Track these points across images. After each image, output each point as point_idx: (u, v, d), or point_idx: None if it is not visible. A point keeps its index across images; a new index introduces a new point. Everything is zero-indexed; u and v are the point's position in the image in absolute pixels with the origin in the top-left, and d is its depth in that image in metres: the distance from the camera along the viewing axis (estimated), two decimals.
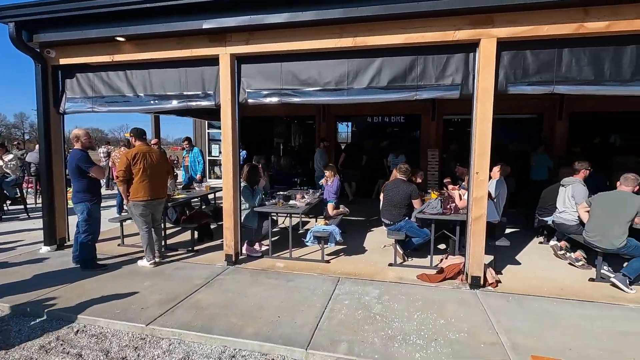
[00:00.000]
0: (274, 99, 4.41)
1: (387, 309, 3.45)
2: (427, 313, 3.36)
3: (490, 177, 4.42)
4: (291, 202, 5.14)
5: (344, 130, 11.38)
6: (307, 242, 4.74)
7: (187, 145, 7.94)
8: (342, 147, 10.64)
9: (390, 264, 4.64)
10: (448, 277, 4.11)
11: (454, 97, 3.92)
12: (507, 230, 6.38)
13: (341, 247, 5.23)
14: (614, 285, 3.93)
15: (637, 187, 4.07)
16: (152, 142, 7.46)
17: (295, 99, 4.35)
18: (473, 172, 3.85)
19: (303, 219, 6.51)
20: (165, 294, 3.75)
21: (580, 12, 3.41)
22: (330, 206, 5.50)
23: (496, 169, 4.74)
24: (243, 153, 9.73)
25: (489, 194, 4.58)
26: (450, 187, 5.22)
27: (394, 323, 3.18)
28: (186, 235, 5.71)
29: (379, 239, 5.70)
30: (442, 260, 4.48)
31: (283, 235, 5.81)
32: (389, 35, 3.86)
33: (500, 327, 3.12)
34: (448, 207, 4.45)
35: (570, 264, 4.69)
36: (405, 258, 4.76)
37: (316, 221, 5.82)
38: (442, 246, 5.41)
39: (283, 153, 11.61)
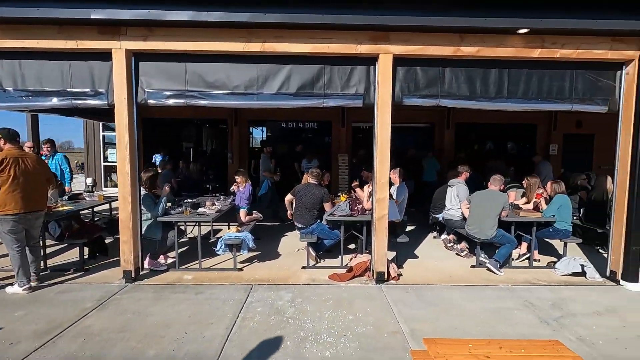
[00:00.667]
0: (179, 101, 4.15)
1: (299, 311, 3.51)
2: (338, 311, 3.51)
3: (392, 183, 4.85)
4: (200, 209, 4.87)
5: (259, 135, 11.29)
6: (218, 251, 4.55)
7: (49, 149, 6.53)
8: (257, 151, 10.52)
9: (303, 267, 4.73)
10: (357, 275, 4.36)
11: (357, 105, 4.21)
12: (408, 228, 7.07)
13: (255, 253, 5.15)
14: (488, 269, 4.64)
15: (503, 186, 4.90)
16: (27, 145, 6.32)
17: (203, 102, 4.16)
18: (376, 176, 4.18)
19: (215, 227, 6.23)
20: (44, 323, 3.20)
21: (457, 38, 3.98)
22: (242, 212, 5.38)
23: (393, 175, 5.20)
24: (157, 157, 8.91)
25: (391, 196, 5.02)
26: (357, 190, 5.56)
27: (306, 324, 3.25)
28: (75, 253, 4.97)
29: (292, 243, 5.76)
30: (351, 259, 4.73)
31: (192, 245, 5.47)
32: (297, 43, 3.96)
33: (401, 317, 3.42)
34: (355, 208, 4.74)
35: (457, 254, 5.40)
36: (318, 260, 4.91)
37: (228, 228, 5.63)
38: (352, 246, 5.72)
39: (193, 158, 10.97)
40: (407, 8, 3.70)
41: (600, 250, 5.47)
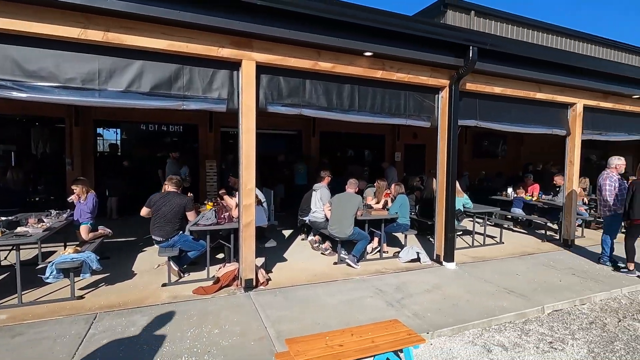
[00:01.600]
0: None
1: (157, 334, 3.15)
2: (202, 327, 3.30)
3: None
4: (20, 229, 3.89)
5: (112, 137, 9.80)
6: (48, 278, 3.70)
7: None
8: (107, 156, 9.08)
9: (164, 284, 4.29)
10: (224, 285, 4.20)
11: (221, 110, 4.09)
12: (285, 232, 7.25)
13: (102, 276, 4.41)
14: (348, 264, 5.15)
15: (357, 188, 5.52)
16: None
17: (20, 95, 3.33)
18: (242, 182, 4.13)
19: (47, 249, 5.07)
20: None
21: (315, 53, 4.30)
22: (83, 229, 4.53)
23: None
24: None
25: (259, 200, 5.05)
26: (225, 197, 5.39)
27: (165, 348, 2.94)
28: None
29: (152, 259, 5.17)
30: (219, 269, 4.53)
31: (11, 275, 4.32)
32: (150, 38, 3.59)
33: (268, 321, 3.45)
34: (222, 216, 4.57)
35: (322, 253, 5.80)
36: (182, 274, 4.53)
37: (65, 249, 4.66)
38: (220, 255, 5.49)
39: (16, 164, 8.68)
40: (269, 18, 3.80)
41: (431, 239, 6.72)
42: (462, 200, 6.33)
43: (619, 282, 4.76)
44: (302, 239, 6.73)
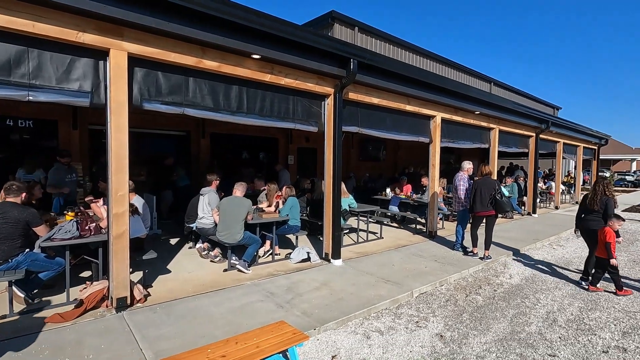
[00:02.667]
0: None
1: None
2: None
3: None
4: None
5: None
6: None
7: None
8: None
9: (2, 317, 3.46)
10: (90, 308, 3.62)
11: (83, 104, 3.52)
12: (172, 241, 6.63)
13: None
14: (239, 270, 5.01)
15: (245, 192, 5.37)
16: None
17: None
18: (111, 188, 3.62)
19: None
20: None
21: (199, 50, 4.08)
22: None
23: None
24: None
25: (135, 209, 4.52)
26: (93, 205, 4.65)
27: None
28: None
29: None
30: (83, 289, 3.88)
31: None
32: None
33: (145, 342, 3.10)
34: (87, 228, 3.93)
35: (211, 261, 5.51)
36: (30, 301, 3.73)
37: None
38: (86, 273, 4.72)
39: None
40: (144, 7, 3.44)
41: (321, 238, 7.04)
42: (348, 200, 6.82)
43: (467, 264, 5.79)
44: (190, 248, 6.28)
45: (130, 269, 3.84)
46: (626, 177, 30.16)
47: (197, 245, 5.89)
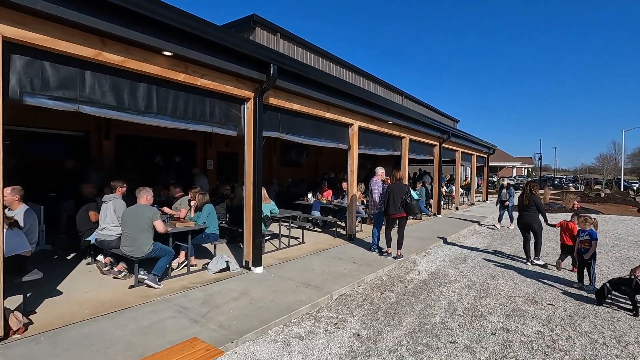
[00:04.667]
0: None
1: None
2: None
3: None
4: None
5: None
6: None
7: None
8: None
9: None
10: None
11: None
12: (67, 258, 5.73)
13: None
14: (148, 285, 4.55)
15: (151, 197, 4.89)
16: None
17: None
18: None
19: None
20: None
21: (99, 41, 3.63)
22: None
23: (13, 197, 4.06)
24: None
25: (15, 222, 3.80)
26: None
27: None
28: None
29: None
30: None
31: None
32: None
33: None
34: None
35: (115, 277, 4.91)
36: None
37: None
38: None
39: None
40: None
41: (241, 246, 6.82)
42: (269, 206, 6.73)
43: (382, 264, 6.17)
44: (88, 264, 5.51)
45: (4, 294, 3.21)
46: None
47: (98, 260, 5.20)
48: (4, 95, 3.09)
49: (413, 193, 7.16)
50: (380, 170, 7.27)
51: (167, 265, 4.87)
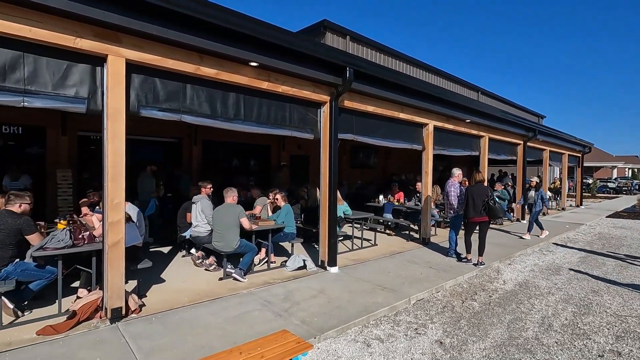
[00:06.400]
0: None
1: None
2: None
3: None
4: None
5: None
6: None
7: None
8: None
9: None
10: (83, 320, 3.51)
11: (79, 111, 3.46)
12: (165, 250, 6.51)
13: None
14: (235, 279, 4.94)
15: (236, 197, 5.30)
16: None
17: None
18: (107, 196, 3.56)
19: None
20: None
21: (197, 57, 4.07)
22: None
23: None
24: None
25: (129, 217, 4.43)
26: (84, 212, 4.55)
27: None
28: None
29: None
30: (76, 300, 3.78)
31: None
32: None
33: (141, 353, 3.03)
34: (80, 237, 3.84)
35: (206, 269, 5.43)
36: (19, 313, 3.60)
37: None
38: (78, 283, 4.59)
39: None
40: (141, 13, 3.43)
41: (316, 246, 7.03)
42: (343, 207, 6.83)
43: (462, 270, 5.85)
44: (183, 256, 6.18)
45: (125, 279, 3.76)
46: (608, 184, 31.02)
47: (192, 254, 5.80)
48: (126, 108, 3.62)
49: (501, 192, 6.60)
50: (458, 172, 6.89)
51: (251, 261, 5.23)
